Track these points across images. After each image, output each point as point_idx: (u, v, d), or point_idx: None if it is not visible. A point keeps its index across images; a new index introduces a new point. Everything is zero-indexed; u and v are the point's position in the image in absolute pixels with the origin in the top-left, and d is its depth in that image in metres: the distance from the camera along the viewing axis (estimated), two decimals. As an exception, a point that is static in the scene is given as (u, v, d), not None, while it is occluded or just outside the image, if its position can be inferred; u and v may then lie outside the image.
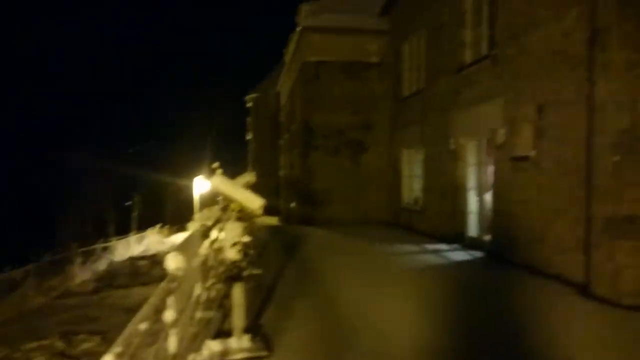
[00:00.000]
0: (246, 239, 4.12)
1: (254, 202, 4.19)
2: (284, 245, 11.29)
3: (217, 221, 5.11)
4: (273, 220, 24.46)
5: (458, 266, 8.40)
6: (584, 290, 6.16)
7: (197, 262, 4.75)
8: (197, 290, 4.39)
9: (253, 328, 4.82)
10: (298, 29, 15.70)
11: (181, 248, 4.19)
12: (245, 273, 4.15)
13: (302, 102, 15.95)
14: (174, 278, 2.64)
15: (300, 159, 15.91)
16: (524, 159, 7.91)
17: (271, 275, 7.66)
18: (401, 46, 14.61)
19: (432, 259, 9.04)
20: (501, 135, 8.67)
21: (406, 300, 6.10)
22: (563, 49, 6.91)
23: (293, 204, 18.02)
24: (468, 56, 10.30)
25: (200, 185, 28.99)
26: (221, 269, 4.39)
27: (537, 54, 7.54)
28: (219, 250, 4.43)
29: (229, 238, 4.13)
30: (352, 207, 15.38)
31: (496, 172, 9.00)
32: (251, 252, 4.38)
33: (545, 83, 7.36)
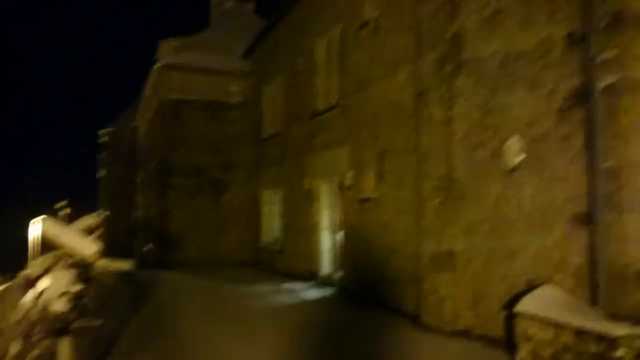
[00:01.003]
0: (77, 287, 3.84)
1: (87, 249, 3.95)
2: (134, 292, 10.55)
3: (48, 269, 4.67)
4: (126, 265, 22.69)
5: (308, 305, 8.68)
6: (416, 320, 6.81)
7: (16, 316, 4.25)
8: (15, 348, 3.93)
9: (83, 386, 4.40)
10: (157, 65, 15.34)
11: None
12: (74, 325, 3.84)
13: (160, 140, 15.43)
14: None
15: (157, 198, 15.23)
16: (368, 200, 8.64)
17: (114, 326, 7.09)
18: (262, 88, 15.11)
19: (285, 298, 9.21)
20: (349, 178, 9.37)
21: (254, 342, 6.12)
22: (397, 102, 7.84)
23: (149, 247, 17.00)
24: (321, 104, 11.06)
25: (38, 228, 25.86)
26: (47, 322, 4.01)
27: (377, 106, 8.43)
28: (46, 301, 4.05)
29: (56, 288, 3.81)
30: (211, 248, 15.04)
31: (345, 213, 9.66)
32: (84, 302, 4.08)
33: (384, 132, 8.23)
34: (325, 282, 10.51)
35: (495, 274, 5.76)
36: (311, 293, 9.66)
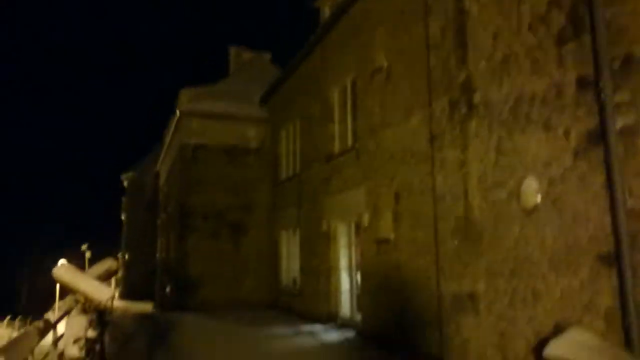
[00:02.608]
0: (91, 333, 3.89)
1: (102, 293, 4.01)
2: (151, 335, 10.51)
3: (67, 313, 4.73)
4: (147, 307, 22.65)
5: (328, 348, 8.54)
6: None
7: (36, 363, 4.28)
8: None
9: None
10: (177, 113, 15.86)
11: (7, 349, 3.78)
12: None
13: (180, 183, 15.76)
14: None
15: (176, 241, 15.39)
16: (386, 241, 8.63)
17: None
18: (279, 133, 15.45)
19: (304, 341, 9.09)
20: (366, 219, 9.40)
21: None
22: (411, 146, 7.95)
23: (168, 289, 17.04)
24: (336, 147, 11.25)
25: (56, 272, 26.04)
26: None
27: (391, 148, 8.55)
28: (63, 346, 4.10)
29: (71, 333, 3.87)
30: (231, 290, 15.02)
31: (363, 253, 9.63)
32: (99, 347, 4.12)
33: (399, 174, 8.31)
34: (344, 324, 10.36)
35: (520, 316, 5.64)
36: (331, 336, 9.51)
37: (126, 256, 26.59)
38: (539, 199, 5.44)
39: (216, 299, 14.65)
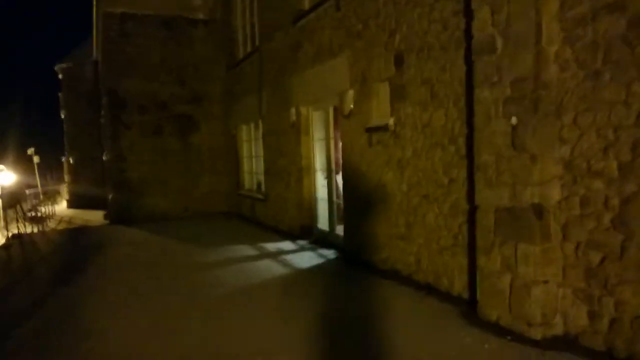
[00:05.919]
0: None
1: None
2: (66, 261, 7.99)
3: None
4: (96, 217, 20.13)
5: (298, 277, 6.13)
6: (470, 310, 4.33)
7: None
8: None
9: None
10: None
11: None
12: None
13: (108, 66, 12.34)
14: None
15: (110, 139, 12.37)
16: (382, 129, 5.91)
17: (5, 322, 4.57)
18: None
19: (268, 267, 6.66)
20: (350, 99, 6.58)
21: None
22: (428, -31, 4.92)
23: (110, 197, 14.37)
24: (307, 0, 8.05)
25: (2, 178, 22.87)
26: None
27: (394, -19, 5.49)
28: None
29: None
30: (181, 198, 12.44)
31: (347, 149, 6.94)
32: None
33: (405, 23, 5.36)
34: (322, 240, 8.01)
35: (634, 246, 3.17)
36: (304, 258, 7.14)
37: (71, 160, 23.45)
38: None
39: (162, 209, 12.10)
